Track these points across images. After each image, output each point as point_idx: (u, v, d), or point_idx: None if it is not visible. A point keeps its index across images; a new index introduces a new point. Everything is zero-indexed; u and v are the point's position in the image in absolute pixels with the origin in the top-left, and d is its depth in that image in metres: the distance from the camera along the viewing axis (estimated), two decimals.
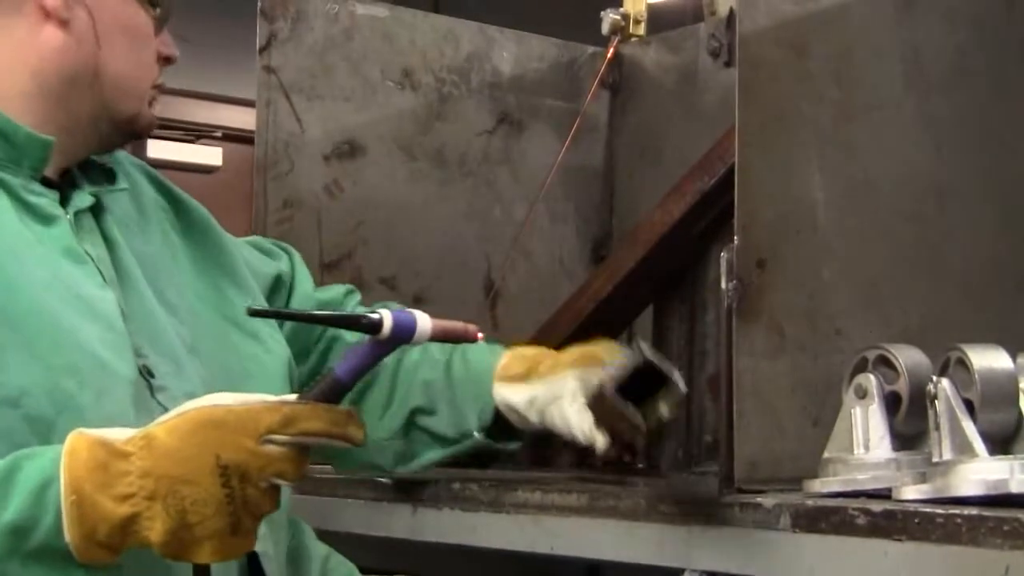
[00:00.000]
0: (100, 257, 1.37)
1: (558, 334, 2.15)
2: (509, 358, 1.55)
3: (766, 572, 1.37)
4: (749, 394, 1.48)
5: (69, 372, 1.25)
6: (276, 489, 1.17)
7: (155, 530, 1.13)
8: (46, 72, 1.38)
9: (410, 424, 1.60)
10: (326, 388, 1.20)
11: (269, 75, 2.12)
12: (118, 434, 1.17)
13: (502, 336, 2.32)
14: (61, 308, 1.29)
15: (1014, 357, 1.37)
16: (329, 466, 1.70)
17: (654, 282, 2.18)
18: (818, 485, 1.41)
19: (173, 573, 1.25)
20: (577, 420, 1.43)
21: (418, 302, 2.22)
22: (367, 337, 1.21)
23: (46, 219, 1.35)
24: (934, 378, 1.36)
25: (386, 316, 1.20)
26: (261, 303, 1.54)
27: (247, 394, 1.20)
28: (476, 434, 1.56)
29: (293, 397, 1.22)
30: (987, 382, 1.35)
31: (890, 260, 1.64)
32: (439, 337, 1.23)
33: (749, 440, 1.46)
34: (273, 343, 1.51)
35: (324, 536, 1.59)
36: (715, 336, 2.07)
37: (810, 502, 1.34)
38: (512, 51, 2.39)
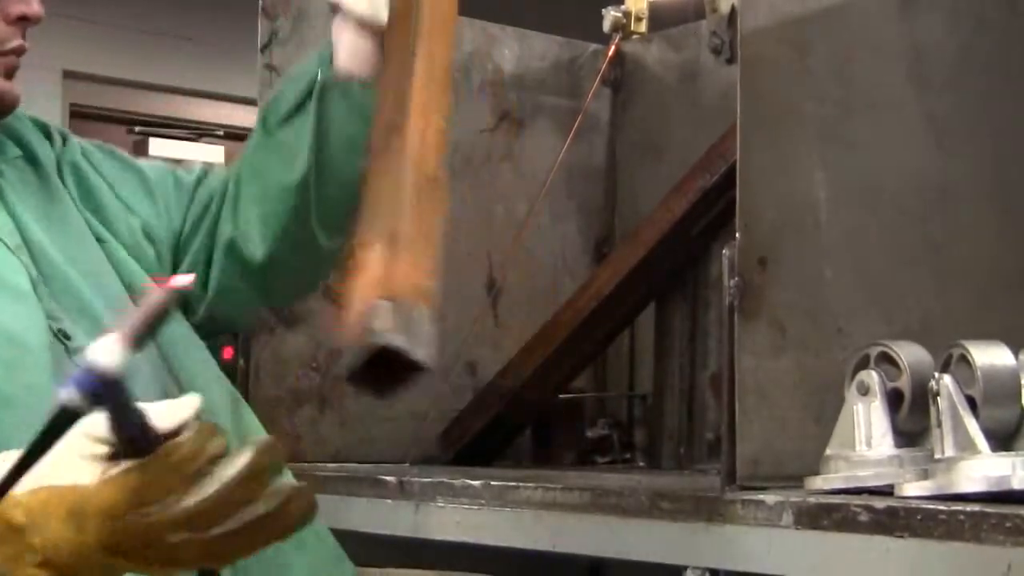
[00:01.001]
0: (3, 225, 1.35)
1: (561, 332, 2.15)
2: None
3: (768, 569, 1.36)
4: (751, 392, 1.48)
5: None
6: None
7: None
8: None
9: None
10: (133, 441, 0.99)
11: (271, 73, 2.12)
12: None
13: (504, 335, 2.32)
14: None
15: (1016, 354, 1.37)
16: (333, 464, 1.70)
17: (656, 280, 2.18)
18: (820, 482, 1.41)
19: None
20: None
21: None
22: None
23: None
24: (936, 375, 1.36)
25: (64, 394, 0.97)
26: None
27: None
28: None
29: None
30: (989, 379, 1.34)
31: (892, 258, 1.64)
32: (144, 331, 0.99)
33: (751, 438, 1.45)
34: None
35: None
36: (717, 334, 2.08)
37: (812, 499, 1.34)
38: (514, 49, 2.39)
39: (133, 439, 0.99)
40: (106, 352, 0.97)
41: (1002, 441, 1.34)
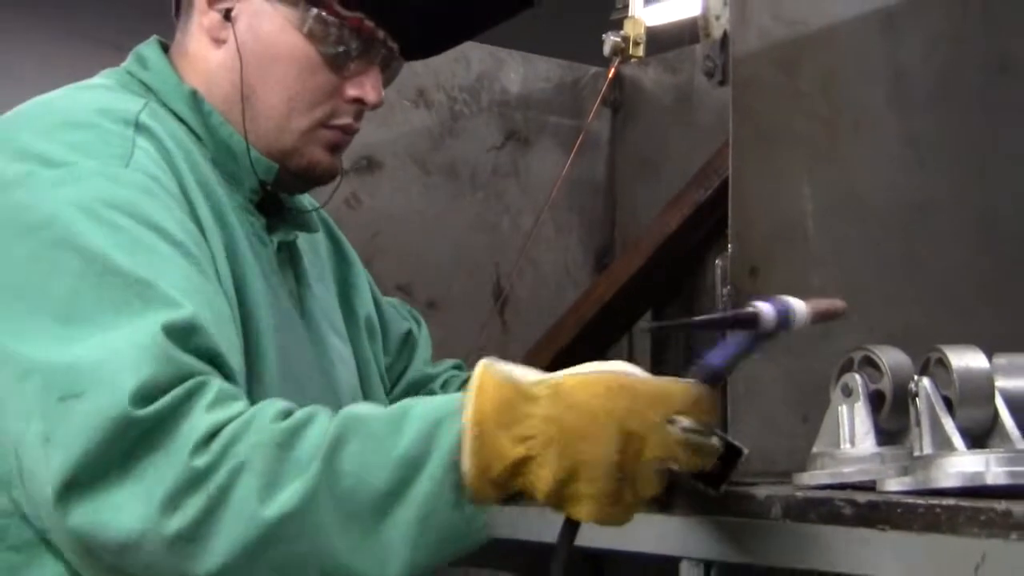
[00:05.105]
0: (291, 292, 1.35)
1: (564, 337, 2.17)
2: None
3: (759, 560, 1.36)
4: (743, 394, 1.49)
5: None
6: (662, 474, 1.11)
7: (542, 478, 1.07)
8: (212, 90, 1.34)
9: None
10: (706, 378, 1.14)
11: None
12: (524, 374, 1.11)
13: (511, 339, 2.35)
14: (276, 331, 1.27)
15: (990, 357, 1.37)
16: None
17: (654, 288, 2.20)
18: (807, 478, 1.41)
19: None
20: None
21: (431, 307, 2.25)
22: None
23: (260, 242, 1.32)
24: (915, 377, 1.36)
25: (764, 309, 1.17)
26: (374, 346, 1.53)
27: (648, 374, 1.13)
28: None
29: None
30: (965, 381, 1.34)
31: (875, 268, 1.65)
32: (816, 319, 1.21)
33: (743, 437, 1.42)
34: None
35: None
36: (711, 340, 2.12)
37: (800, 494, 1.34)
38: (520, 72, 2.42)
39: (718, 370, 1.16)
40: (796, 303, 1.21)
41: (977, 439, 1.34)
